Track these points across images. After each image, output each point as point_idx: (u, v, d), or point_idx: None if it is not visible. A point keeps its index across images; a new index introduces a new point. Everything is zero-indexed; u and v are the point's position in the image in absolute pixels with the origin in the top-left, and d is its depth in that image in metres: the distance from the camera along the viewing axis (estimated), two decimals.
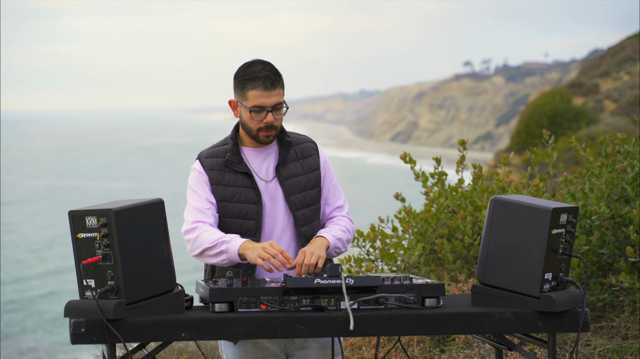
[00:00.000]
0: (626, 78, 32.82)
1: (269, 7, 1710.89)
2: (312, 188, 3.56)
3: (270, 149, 3.55)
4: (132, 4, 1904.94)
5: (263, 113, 3.43)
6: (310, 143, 3.63)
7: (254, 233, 3.48)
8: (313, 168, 3.58)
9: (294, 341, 3.49)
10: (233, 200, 3.48)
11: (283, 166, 3.53)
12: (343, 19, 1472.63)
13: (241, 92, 3.45)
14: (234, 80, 3.49)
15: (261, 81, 3.40)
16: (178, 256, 3.44)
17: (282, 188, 3.51)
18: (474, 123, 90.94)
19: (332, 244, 3.47)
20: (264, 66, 3.44)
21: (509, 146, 30.78)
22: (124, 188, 50.56)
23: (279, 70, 3.48)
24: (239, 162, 3.50)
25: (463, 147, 6.05)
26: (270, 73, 3.42)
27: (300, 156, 3.57)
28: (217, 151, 3.55)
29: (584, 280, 5.29)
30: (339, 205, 3.63)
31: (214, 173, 3.50)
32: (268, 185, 3.51)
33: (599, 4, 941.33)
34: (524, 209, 3.19)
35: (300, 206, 3.52)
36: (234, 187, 3.48)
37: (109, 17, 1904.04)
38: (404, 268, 5.83)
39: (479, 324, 3.16)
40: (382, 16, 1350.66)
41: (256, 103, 3.42)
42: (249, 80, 3.42)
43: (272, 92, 3.41)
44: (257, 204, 3.48)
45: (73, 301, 2.99)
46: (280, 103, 3.45)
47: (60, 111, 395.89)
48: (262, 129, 3.45)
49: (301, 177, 3.54)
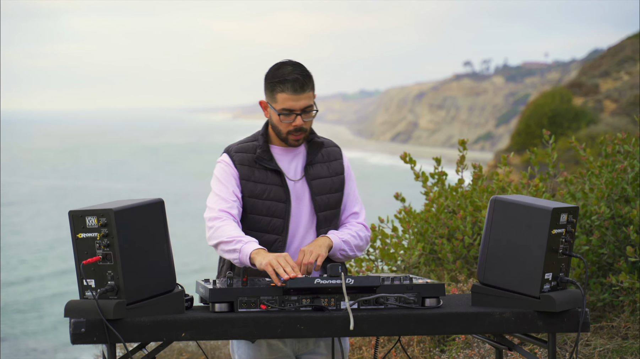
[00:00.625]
0: (626, 78, 32.82)
1: (269, 7, 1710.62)
2: (336, 192, 3.56)
3: (299, 149, 3.54)
4: (132, 4, 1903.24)
5: (292, 117, 3.41)
6: (336, 147, 3.62)
7: (281, 231, 3.47)
8: (338, 172, 3.57)
9: (307, 344, 3.49)
10: (262, 197, 3.47)
11: (311, 166, 3.52)
12: (343, 19, 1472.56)
13: (271, 94, 3.43)
14: (264, 81, 3.46)
15: (290, 84, 3.37)
16: (183, 256, 3.45)
17: (309, 188, 3.50)
18: (474, 123, 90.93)
19: (337, 245, 3.45)
20: (294, 68, 3.40)
21: (509, 146, 30.79)
22: (129, 188, 50.32)
23: (310, 72, 3.44)
24: (270, 159, 3.48)
25: (463, 147, 6.06)
26: (299, 76, 3.38)
27: (327, 159, 3.56)
28: (246, 146, 3.53)
29: (584, 280, 5.29)
30: (354, 212, 3.61)
31: (244, 169, 3.48)
32: (296, 184, 3.50)
33: (599, 4, 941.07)
34: (524, 209, 3.19)
35: (324, 208, 3.52)
36: (264, 184, 3.47)
37: (109, 17, 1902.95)
38: (404, 268, 5.83)
39: (479, 324, 3.16)
40: (382, 16, 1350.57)
41: (285, 106, 3.39)
42: (278, 82, 3.39)
43: (301, 95, 3.38)
44: (285, 202, 3.46)
45: (73, 301, 2.99)
46: (309, 106, 3.42)
47: (60, 111, 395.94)
48: (291, 132, 3.44)
49: (327, 179, 3.54)
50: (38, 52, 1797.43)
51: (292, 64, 3.43)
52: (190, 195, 45.52)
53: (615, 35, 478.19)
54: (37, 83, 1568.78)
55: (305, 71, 3.42)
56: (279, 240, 3.47)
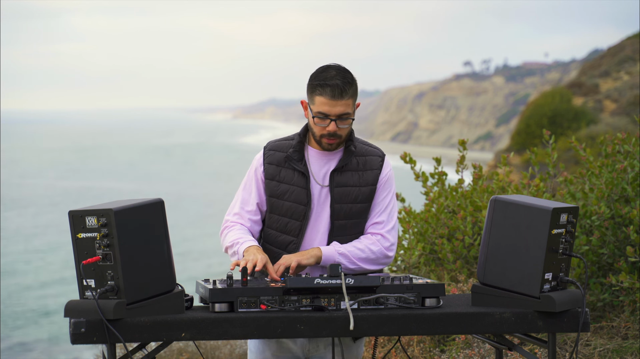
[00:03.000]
0: (626, 78, 32.82)
1: (269, 7, 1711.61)
2: (362, 202, 3.49)
3: (335, 154, 3.50)
4: (133, 4, 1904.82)
5: (326, 121, 3.38)
6: (377, 157, 3.54)
7: (297, 234, 3.46)
8: (369, 183, 3.50)
9: (317, 346, 3.48)
10: (284, 197, 3.47)
11: (339, 173, 3.48)
12: (343, 19, 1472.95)
13: (310, 95, 3.42)
14: (308, 82, 3.44)
15: (330, 89, 3.34)
16: (188, 259, 3.47)
17: (330, 194, 3.46)
18: (474, 123, 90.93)
19: (329, 257, 3.41)
20: (337, 73, 3.38)
21: (509, 146, 30.78)
22: (154, 189, 49.24)
23: (354, 79, 3.40)
24: (299, 160, 3.47)
25: (463, 147, 6.06)
26: (340, 82, 3.35)
27: (362, 168, 3.50)
28: (282, 144, 3.53)
29: (584, 280, 5.29)
30: (378, 221, 3.52)
31: (271, 168, 3.49)
32: (322, 189, 3.48)
33: (599, 4, 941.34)
34: (524, 209, 3.19)
35: (342, 217, 3.47)
36: (288, 184, 3.47)
37: (110, 17, 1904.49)
38: (404, 268, 5.83)
39: (479, 324, 3.16)
40: (382, 16, 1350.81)
41: (321, 110, 3.38)
42: (319, 85, 3.37)
43: (338, 102, 3.35)
44: (305, 206, 3.45)
45: (73, 301, 2.99)
46: (347, 113, 3.38)
47: (60, 111, 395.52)
48: (324, 136, 3.41)
49: (354, 189, 3.48)
50: (39, 51, 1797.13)
51: (336, 69, 3.40)
52: (213, 195, 45.29)
53: (615, 35, 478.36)
54: (38, 83, 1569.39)
55: (348, 78, 3.38)
56: (293, 242, 3.47)
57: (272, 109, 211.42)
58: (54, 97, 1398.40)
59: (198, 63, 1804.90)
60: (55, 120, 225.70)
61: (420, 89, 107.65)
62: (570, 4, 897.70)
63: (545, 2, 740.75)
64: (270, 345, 3.49)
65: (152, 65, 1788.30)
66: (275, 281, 3.28)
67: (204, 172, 62.82)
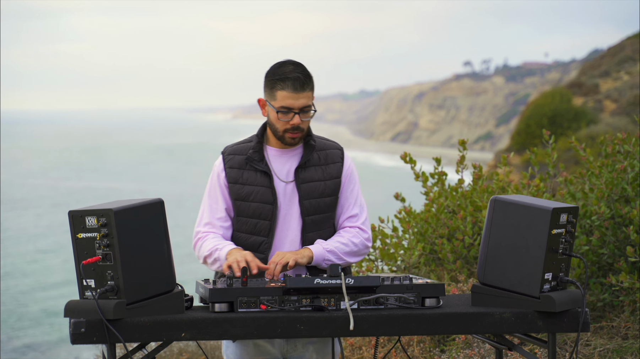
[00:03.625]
0: (626, 78, 32.81)
1: (269, 7, 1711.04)
2: (329, 196, 3.52)
3: (295, 151, 3.53)
4: (133, 4, 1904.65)
5: (290, 115, 3.41)
6: (337, 150, 3.58)
7: (267, 233, 3.47)
8: (333, 176, 3.53)
9: (295, 346, 3.49)
10: (249, 199, 3.48)
11: (303, 169, 3.50)
12: (343, 19, 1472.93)
13: (270, 91, 3.44)
14: (264, 79, 3.47)
15: (291, 82, 3.38)
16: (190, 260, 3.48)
17: (297, 191, 3.48)
18: (474, 123, 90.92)
19: (319, 256, 3.43)
20: (295, 67, 3.42)
21: (509, 146, 30.77)
22: (164, 190, 48.84)
23: (311, 73, 3.45)
24: (260, 160, 3.49)
25: (463, 147, 6.06)
26: (300, 75, 3.40)
27: (324, 162, 3.53)
28: (241, 148, 3.55)
29: (584, 280, 5.29)
30: (352, 214, 3.56)
31: (233, 171, 3.50)
32: (287, 186, 3.49)
33: (600, 4, 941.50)
34: (524, 209, 3.19)
35: (312, 212, 3.49)
36: (252, 186, 3.48)
37: (111, 17, 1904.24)
38: (404, 268, 5.83)
39: (479, 324, 3.16)
40: (382, 16, 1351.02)
41: (284, 104, 3.40)
42: (279, 80, 3.40)
43: (300, 94, 3.39)
44: (272, 204, 3.46)
45: (73, 301, 2.99)
46: (308, 106, 3.43)
47: (60, 111, 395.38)
48: (288, 130, 3.43)
49: (319, 183, 3.51)
50: (40, 52, 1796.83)
51: (293, 63, 3.44)
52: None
53: (615, 35, 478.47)
54: (38, 83, 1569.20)
55: (306, 71, 3.44)
56: (265, 242, 3.47)
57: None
58: (54, 97, 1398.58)
59: (198, 63, 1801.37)
60: (56, 120, 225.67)
61: (420, 89, 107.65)
62: (570, 4, 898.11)
63: (545, 2, 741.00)
64: (247, 350, 3.48)
65: (152, 65, 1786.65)
66: (274, 280, 3.29)
67: (207, 171, 62.44)
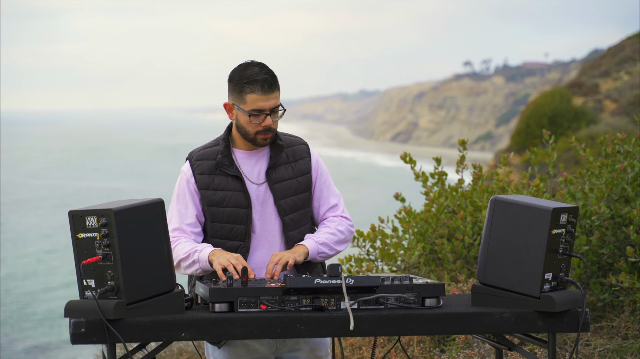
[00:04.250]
0: (626, 78, 32.81)
1: (269, 7, 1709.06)
2: (303, 192, 3.53)
3: (262, 152, 3.52)
4: (134, 4, 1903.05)
5: (262, 117, 3.40)
6: (302, 145, 3.58)
7: (244, 238, 3.46)
8: (304, 172, 3.54)
9: (285, 343, 3.48)
10: (222, 204, 3.45)
11: (274, 169, 3.49)
12: (343, 19, 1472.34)
13: (239, 95, 3.41)
14: (229, 83, 3.45)
15: (260, 84, 3.37)
16: None
17: (272, 192, 3.48)
18: (474, 123, 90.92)
19: (313, 250, 3.45)
20: (261, 69, 3.40)
21: (509, 146, 30.77)
22: (160, 190, 48.52)
23: (274, 72, 3.45)
24: (230, 164, 3.46)
25: (463, 147, 6.06)
26: (268, 75, 3.39)
27: (292, 159, 3.53)
28: (208, 152, 3.51)
29: (584, 280, 5.29)
30: (332, 205, 3.59)
31: (203, 177, 3.47)
32: (259, 188, 3.48)
33: (599, 4, 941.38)
34: (524, 209, 3.19)
35: (289, 211, 3.49)
36: (224, 191, 3.45)
37: (111, 17, 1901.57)
38: (404, 268, 5.83)
39: (479, 324, 3.16)
40: (382, 16, 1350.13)
41: (255, 107, 3.38)
42: (247, 83, 3.38)
43: (270, 95, 3.39)
44: (246, 208, 3.45)
45: (73, 301, 2.99)
46: (277, 106, 3.43)
47: (60, 111, 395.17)
48: (260, 132, 3.42)
49: (291, 181, 3.51)
50: (40, 51, 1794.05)
51: (258, 65, 3.43)
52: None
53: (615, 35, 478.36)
54: (39, 83, 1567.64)
55: (272, 71, 3.43)
56: (242, 246, 3.46)
57: None
58: (55, 97, 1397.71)
59: (198, 63, 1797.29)
60: (57, 120, 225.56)
61: (420, 89, 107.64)
62: (570, 4, 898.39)
63: (545, 2, 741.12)
64: (236, 351, 3.47)
65: (152, 65, 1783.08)
66: (274, 280, 3.29)
67: None
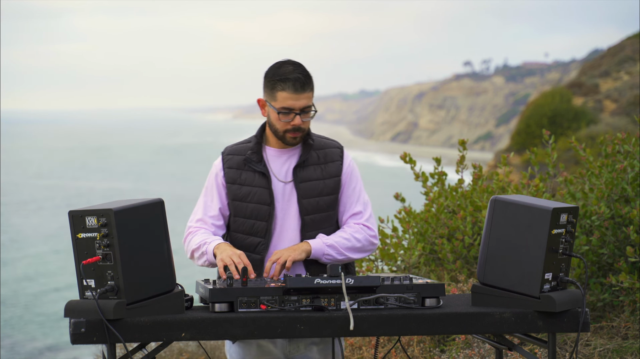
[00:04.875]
0: (626, 78, 32.81)
1: (269, 7, 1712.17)
2: (328, 195, 3.51)
3: (294, 151, 3.52)
4: (133, 4, 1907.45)
5: (291, 115, 3.40)
6: (336, 148, 3.56)
7: (264, 234, 3.47)
8: (333, 175, 3.52)
9: (298, 347, 3.48)
10: (246, 199, 3.47)
11: (302, 168, 3.49)
12: (343, 19, 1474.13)
13: (270, 92, 3.42)
14: (264, 80, 3.46)
15: (291, 83, 3.37)
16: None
17: (296, 191, 3.47)
18: (474, 123, 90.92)
19: (318, 250, 3.42)
20: (295, 67, 3.41)
21: (509, 146, 30.77)
22: (165, 190, 47.67)
23: (310, 73, 3.44)
24: (259, 161, 3.48)
25: (463, 147, 6.06)
26: (301, 75, 3.39)
27: (322, 160, 3.52)
28: (240, 148, 3.55)
29: (584, 280, 5.29)
30: (356, 212, 3.54)
31: (231, 172, 3.51)
32: (285, 186, 3.49)
33: (599, 4, 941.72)
34: (524, 209, 3.19)
35: (311, 211, 3.48)
36: (249, 186, 3.48)
37: (111, 17, 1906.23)
38: (404, 268, 5.83)
39: (479, 324, 3.16)
40: (382, 16, 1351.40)
41: (285, 105, 3.39)
42: (279, 81, 3.39)
43: (301, 95, 3.39)
44: (269, 205, 3.46)
45: (73, 301, 2.99)
46: (309, 106, 3.42)
47: (60, 111, 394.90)
48: (289, 131, 3.43)
49: (318, 182, 3.49)
50: (40, 52, 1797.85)
51: (293, 64, 3.43)
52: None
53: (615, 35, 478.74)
54: (39, 83, 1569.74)
55: (306, 71, 3.43)
56: (261, 243, 3.47)
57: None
58: (55, 97, 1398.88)
59: (198, 63, 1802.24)
60: (57, 120, 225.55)
61: (420, 89, 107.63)
62: (570, 4, 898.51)
63: (545, 2, 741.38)
64: (250, 350, 3.47)
65: (153, 65, 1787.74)
66: (274, 280, 3.29)
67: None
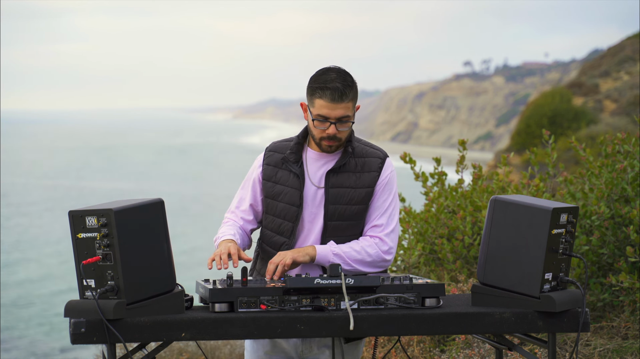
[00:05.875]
0: (626, 78, 32.81)
1: (269, 7, 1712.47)
2: (357, 204, 3.46)
3: (334, 156, 3.48)
4: (134, 4, 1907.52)
5: (326, 124, 3.37)
6: (377, 159, 3.50)
7: (289, 235, 3.47)
8: (366, 185, 3.46)
9: (311, 347, 3.47)
10: (278, 198, 3.48)
11: (335, 174, 3.45)
12: (343, 19, 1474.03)
13: (310, 98, 3.40)
14: (307, 84, 3.42)
15: (329, 92, 3.33)
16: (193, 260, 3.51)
17: (325, 195, 3.45)
18: (474, 123, 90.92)
19: (323, 257, 3.39)
20: (337, 76, 3.36)
21: (509, 146, 30.77)
22: (169, 190, 47.35)
23: (354, 82, 3.39)
24: (296, 161, 3.47)
25: (463, 147, 6.06)
26: (340, 84, 3.33)
27: (359, 169, 3.47)
28: (282, 146, 3.55)
29: (584, 280, 5.29)
30: (377, 224, 3.48)
31: (269, 169, 3.51)
32: (318, 190, 3.47)
33: (599, 4, 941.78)
34: (524, 209, 3.19)
35: (335, 218, 3.44)
36: (282, 186, 3.48)
37: (112, 17, 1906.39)
38: (404, 268, 5.83)
39: (479, 324, 3.16)
40: (382, 16, 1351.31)
41: (320, 113, 3.36)
42: (319, 88, 3.35)
43: (338, 105, 3.34)
44: (298, 207, 3.45)
45: (73, 301, 2.99)
46: (346, 116, 3.37)
47: (62, 111, 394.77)
48: (324, 139, 3.41)
49: (349, 190, 3.45)
50: (41, 52, 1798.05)
51: (337, 72, 3.38)
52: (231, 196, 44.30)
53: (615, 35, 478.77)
54: (39, 83, 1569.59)
55: (348, 81, 3.37)
56: (286, 243, 3.47)
57: (272, 109, 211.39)
58: (56, 97, 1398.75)
59: (198, 62, 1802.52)
60: (57, 120, 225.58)
61: (420, 89, 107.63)
62: (570, 4, 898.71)
63: (545, 2, 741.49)
64: (264, 344, 3.50)
65: (153, 65, 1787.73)
66: (274, 280, 3.29)
67: (221, 172, 62.50)
